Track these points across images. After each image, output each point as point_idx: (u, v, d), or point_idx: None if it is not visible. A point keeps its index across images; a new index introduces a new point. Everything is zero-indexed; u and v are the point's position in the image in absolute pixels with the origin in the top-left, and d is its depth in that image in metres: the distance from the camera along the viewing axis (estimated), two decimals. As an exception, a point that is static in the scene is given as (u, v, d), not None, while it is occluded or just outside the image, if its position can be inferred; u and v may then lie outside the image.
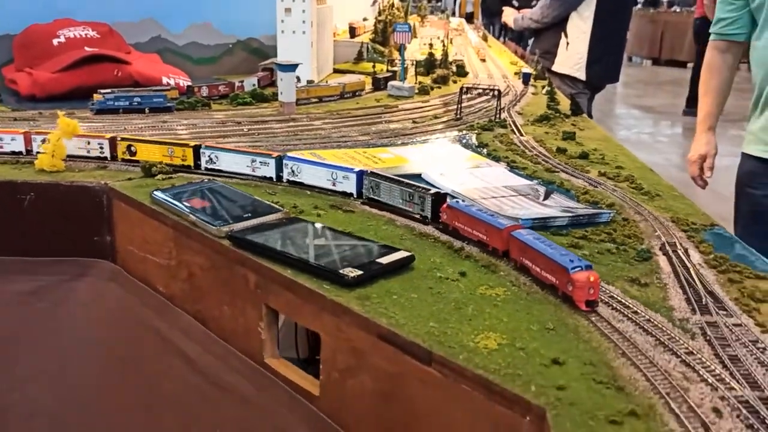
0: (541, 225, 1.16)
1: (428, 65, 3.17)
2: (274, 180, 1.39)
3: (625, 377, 0.73)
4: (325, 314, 0.94)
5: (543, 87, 2.83)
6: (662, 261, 1.03)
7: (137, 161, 1.48)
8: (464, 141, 1.87)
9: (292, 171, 1.37)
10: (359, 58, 3.35)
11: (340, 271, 0.96)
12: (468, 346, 0.80)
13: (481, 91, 2.23)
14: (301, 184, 1.36)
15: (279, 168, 1.38)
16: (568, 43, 5.19)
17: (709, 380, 0.71)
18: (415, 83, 2.72)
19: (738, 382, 0.71)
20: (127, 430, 1.37)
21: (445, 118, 2.16)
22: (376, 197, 1.26)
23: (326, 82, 2.68)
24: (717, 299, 0.90)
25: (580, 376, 0.73)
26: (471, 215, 1.08)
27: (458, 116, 2.17)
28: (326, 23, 2.96)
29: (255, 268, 1.06)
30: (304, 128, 1.96)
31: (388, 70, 2.98)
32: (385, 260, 1.00)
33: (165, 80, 2.47)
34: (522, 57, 4.90)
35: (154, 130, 1.85)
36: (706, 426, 0.63)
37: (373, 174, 1.27)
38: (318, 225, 1.15)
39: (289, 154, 1.42)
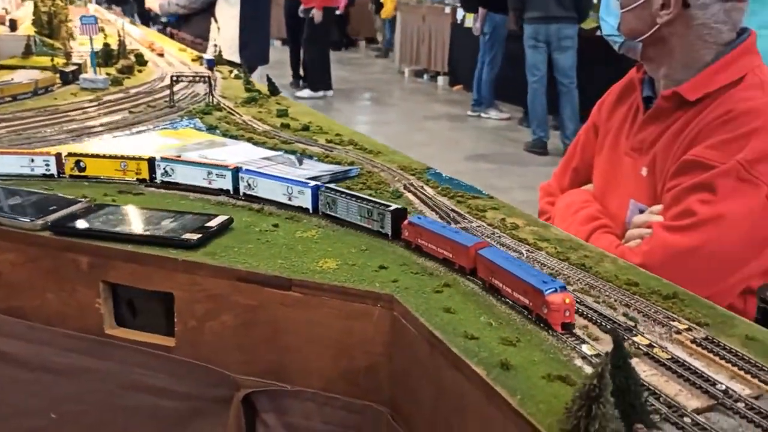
0: (332, 179, 1.43)
1: (105, 56, 3.18)
2: (231, 193, 1.36)
3: (431, 267, 1.06)
4: (178, 274, 1.11)
5: (230, 72, 3.07)
6: (411, 196, 1.40)
7: (87, 177, 1.41)
8: (192, 125, 2.05)
9: (248, 184, 1.33)
10: (27, 52, 3.20)
11: (182, 237, 1.13)
12: (315, 270, 1.06)
13: (191, 78, 2.40)
14: (258, 198, 1.33)
15: (236, 181, 1.35)
16: (219, 28, 5.45)
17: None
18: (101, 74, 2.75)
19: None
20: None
21: (159, 107, 2.29)
22: (332, 213, 1.23)
23: None
24: (458, 213, 1.29)
25: (401, 272, 1.05)
26: (434, 232, 1.06)
27: (172, 104, 2.32)
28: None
29: (88, 251, 1.16)
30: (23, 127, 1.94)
31: (69, 63, 2.94)
32: (212, 224, 1.19)
33: None
34: (183, 41, 5.02)
35: None
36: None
37: (329, 189, 1.25)
38: (129, 207, 1.28)
39: (246, 167, 1.38)
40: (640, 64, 1.76)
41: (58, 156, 1.45)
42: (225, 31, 5.35)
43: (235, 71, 3.05)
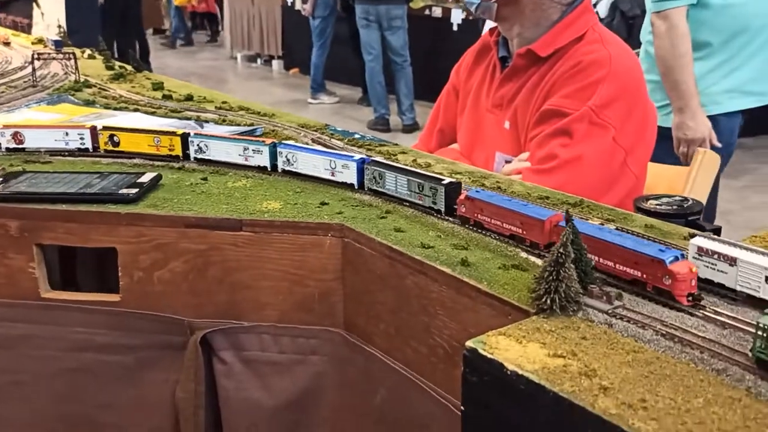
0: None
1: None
2: (269, 169, 1.29)
3: (366, 200, 1.16)
4: (121, 228, 1.13)
5: (83, 51, 2.95)
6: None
7: (121, 153, 1.34)
8: (65, 100, 1.99)
9: (287, 159, 1.27)
10: None
11: (120, 192, 1.15)
12: (262, 210, 1.13)
13: (54, 56, 2.30)
14: (297, 174, 1.27)
15: (273, 157, 1.29)
16: (42, 13, 5.14)
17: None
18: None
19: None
20: None
21: (21, 87, 2.19)
22: (379, 188, 1.16)
23: None
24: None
25: (343, 206, 1.14)
26: (499, 206, 0.97)
27: (34, 83, 2.22)
28: None
29: (16, 215, 1.14)
30: None
31: None
32: (144, 180, 1.21)
33: None
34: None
35: None
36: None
37: (375, 163, 1.17)
38: (48, 171, 1.26)
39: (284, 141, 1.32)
40: (492, 28, 1.95)
41: (92, 129, 1.41)
42: (49, 16, 5.06)
43: (88, 51, 2.93)
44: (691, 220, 1.19)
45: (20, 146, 1.41)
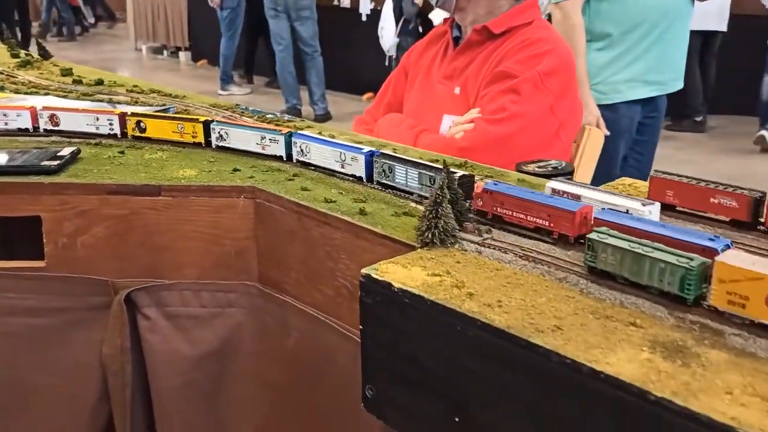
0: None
1: None
2: (284, 159, 1.29)
3: (275, 165, 1.29)
4: (45, 197, 1.21)
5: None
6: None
7: (148, 139, 1.36)
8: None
9: (301, 150, 1.27)
10: None
11: (43, 164, 1.23)
12: (178, 177, 1.23)
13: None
14: (311, 165, 1.26)
15: (289, 146, 1.29)
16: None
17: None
18: None
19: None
20: None
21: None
22: (389, 182, 1.14)
23: None
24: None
25: (254, 172, 1.26)
26: (522, 198, 0.94)
27: (-63, 70, 2.21)
28: None
29: (-61, 188, 1.20)
30: None
31: None
32: (64, 153, 1.29)
33: None
34: None
35: None
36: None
37: (385, 156, 1.14)
38: (-32, 148, 1.32)
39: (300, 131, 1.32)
40: (445, 20, 2.13)
41: (121, 116, 1.44)
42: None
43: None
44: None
45: (56, 128, 1.46)
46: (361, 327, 0.89)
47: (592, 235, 0.81)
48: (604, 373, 0.64)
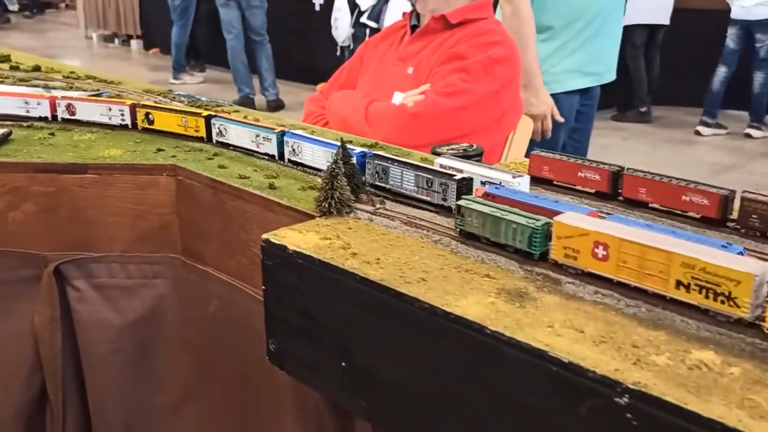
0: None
1: None
2: (277, 158, 1.27)
3: (197, 146, 1.37)
4: (-25, 175, 1.28)
5: None
6: (164, 107, 1.67)
7: (156, 131, 1.38)
8: None
9: (293, 150, 1.25)
10: None
11: (-27, 144, 1.29)
12: (105, 157, 1.31)
13: None
14: (302, 165, 1.23)
15: (281, 146, 1.27)
16: None
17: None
18: None
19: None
20: None
21: None
22: (383, 184, 1.10)
23: None
24: (209, 115, 1.60)
25: (177, 152, 1.34)
26: (526, 203, 0.93)
27: None
28: None
29: None
30: None
31: None
32: (-5, 134, 1.36)
33: None
34: None
35: None
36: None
37: (378, 157, 1.11)
38: None
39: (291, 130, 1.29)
40: (404, 14, 2.24)
41: (132, 107, 1.47)
42: None
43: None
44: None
45: (72, 117, 1.50)
46: (263, 287, 0.99)
47: (461, 202, 0.92)
48: (453, 314, 0.76)
